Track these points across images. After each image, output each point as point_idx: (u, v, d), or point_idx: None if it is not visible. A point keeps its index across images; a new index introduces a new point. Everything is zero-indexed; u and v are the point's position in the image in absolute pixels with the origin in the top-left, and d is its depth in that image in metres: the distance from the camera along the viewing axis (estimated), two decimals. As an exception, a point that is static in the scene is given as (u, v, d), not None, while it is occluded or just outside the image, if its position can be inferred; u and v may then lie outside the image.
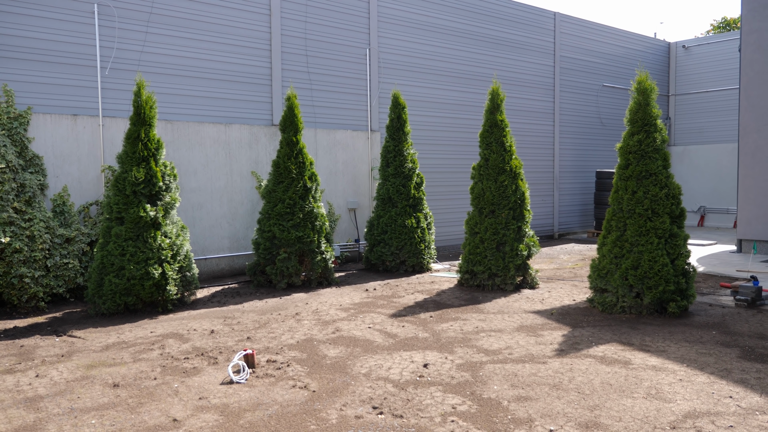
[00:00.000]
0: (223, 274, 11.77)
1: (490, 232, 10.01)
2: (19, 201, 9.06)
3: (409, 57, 14.52)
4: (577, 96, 18.66)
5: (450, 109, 15.41)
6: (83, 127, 10.09)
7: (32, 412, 5.14)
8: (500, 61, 16.43)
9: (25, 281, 8.87)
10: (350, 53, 13.46)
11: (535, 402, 5.22)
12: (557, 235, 18.39)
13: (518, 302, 9.23)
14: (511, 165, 10.14)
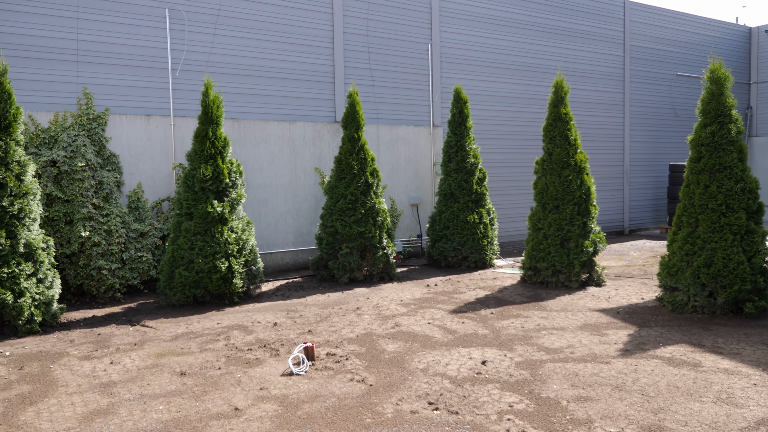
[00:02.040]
0: (288, 268, 12.04)
1: (553, 228, 9.81)
2: (98, 197, 9.55)
3: (470, 51, 14.38)
4: (649, 86, 17.98)
5: (513, 103, 15.16)
6: (156, 126, 10.53)
7: (106, 396, 5.43)
8: (565, 52, 16.03)
9: (102, 273, 9.35)
10: (412, 49, 13.46)
11: (596, 403, 5.10)
12: (627, 230, 17.81)
13: (583, 300, 9.01)
14: (575, 159, 9.90)
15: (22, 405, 5.27)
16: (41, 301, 7.72)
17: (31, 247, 7.75)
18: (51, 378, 5.95)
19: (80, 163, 9.33)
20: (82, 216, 9.30)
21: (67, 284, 9.40)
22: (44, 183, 9.12)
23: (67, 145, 9.42)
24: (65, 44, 9.72)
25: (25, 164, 7.86)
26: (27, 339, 7.38)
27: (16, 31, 9.34)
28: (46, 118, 9.53)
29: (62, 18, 9.68)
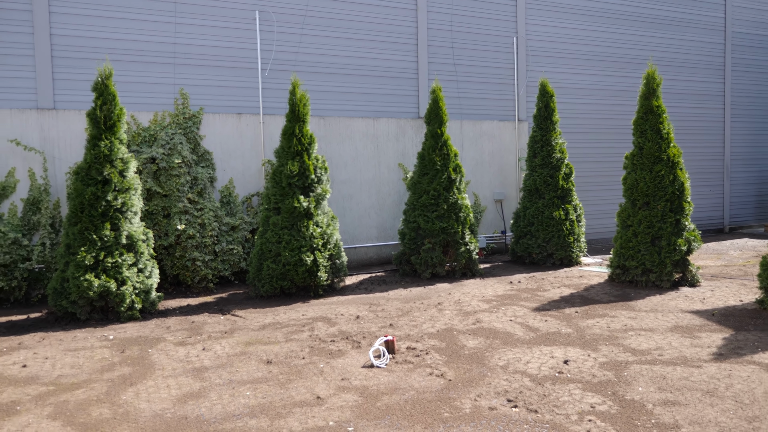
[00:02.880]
0: (371, 262, 12.22)
1: (644, 225, 9.44)
2: (193, 192, 10.08)
3: (557, 43, 14.03)
4: (755, 76, 16.88)
5: (601, 96, 14.67)
6: (246, 124, 10.97)
7: (198, 381, 5.76)
8: (657, 41, 15.32)
9: (197, 264, 9.87)
10: (497, 43, 13.29)
11: (684, 408, 4.91)
12: (728, 228, 16.84)
13: (674, 300, 8.64)
14: (668, 153, 9.48)
15: (124, 385, 5.67)
16: (141, 290, 8.25)
17: (132, 238, 8.30)
18: (149, 361, 6.37)
19: (177, 160, 9.87)
20: (179, 210, 9.83)
21: (165, 274, 9.98)
22: (144, 179, 9.72)
23: (165, 143, 9.99)
24: (164, 48, 10.29)
25: (128, 161, 8.41)
26: (128, 324, 7.92)
27: (120, 37, 9.98)
28: (146, 117, 10.14)
29: (161, 23, 10.26)
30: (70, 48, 9.65)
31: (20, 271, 9.02)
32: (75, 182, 8.19)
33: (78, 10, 9.69)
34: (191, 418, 4.89)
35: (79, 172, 8.20)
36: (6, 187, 9.24)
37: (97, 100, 8.23)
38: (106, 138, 8.24)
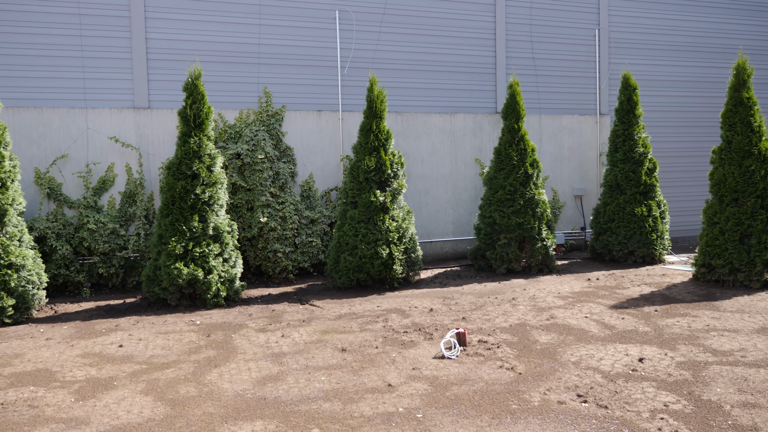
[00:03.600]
0: (447, 257, 12.30)
1: (731, 223, 9.05)
2: (275, 186, 10.50)
3: (640, 33, 13.57)
4: None
5: (686, 88, 14.07)
6: (326, 121, 11.30)
7: (276, 365, 6.06)
8: (748, 29, 14.51)
9: (278, 255, 10.28)
10: (578, 35, 13.02)
11: (766, 411, 4.74)
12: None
13: (764, 302, 8.24)
14: (759, 147, 9.03)
15: (209, 367, 6.06)
16: (226, 278, 8.71)
17: (218, 230, 8.77)
18: (232, 346, 6.75)
19: (260, 156, 10.31)
20: (261, 203, 10.28)
21: (248, 264, 10.47)
22: (230, 173, 10.22)
23: (250, 139, 10.45)
24: (249, 48, 10.77)
25: (215, 157, 8.89)
26: (214, 311, 8.39)
27: (209, 39, 10.52)
28: (232, 115, 10.65)
29: (247, 25, 10.73)
30: (163, 51, 10.27)
31: (117, 259, 9.72)
32: (167, 176, 8.74)
33: (171, 15, 10.29)
34: (269, 399, 5.18)
35: (171, 167, 8.74)
36: (106, 181, 9.97)
37: (188, 100, 8.74)
38: (195, 135, 8.74)
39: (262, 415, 4.87)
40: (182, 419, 4.81)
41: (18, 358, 6.41)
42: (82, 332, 7.41)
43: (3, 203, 7.86)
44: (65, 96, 9.78)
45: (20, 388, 5.53)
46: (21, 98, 9.53)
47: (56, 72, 9.74)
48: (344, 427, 4.61)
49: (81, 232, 9.51)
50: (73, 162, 9.84)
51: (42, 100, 9.67)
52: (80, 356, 6.46)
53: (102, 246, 9.55)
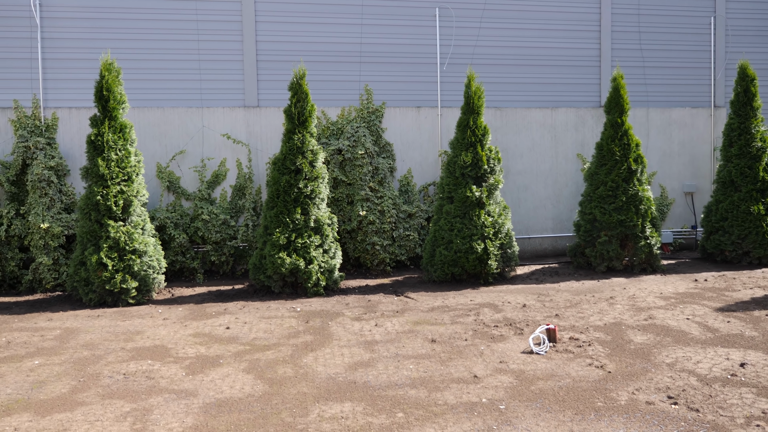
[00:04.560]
0: (546, 253, 12.14)
1: None
2: (374, 181, 10.83)
3: (760, 20, 12.66)
4: None
5: (824, 77, 12.96)
6: (425, 117, 11.48)
7: (368, 352, 6.34)
8: None
9: (376, 248, 10.61)
10: (691, 24, 12.37)
11: None
12: None
13: None
14: None
15: (305, 351, 6.44)
16: (325, 269, 9.13)
17: (319, 222, 9.20)
18: (328, 332, 7.11)
19: (360, 152, 10.67)
20: (361, 197, 10.64)
21: (347, 256, 10.87)
22: (332, 168, 10.65)
23: (350, 135, 10.84)
24: (350, 48, 11.15)
25: (317, 152, 9.33)
26: (313, 299, 8.83)
27: (313, 40, 11.00)
28: (334, 112, 11.08)
29: (349, 26, 11.11)
30: (271, 52, 10.86)
31: (228, 248, 10.43)
32: (272, 171, 9.28)
33: (278, 18, 10.86)
34: (359, 383, 5.46)
35: (276, 162, 9.27)
36: (219, 176, 10.71)
37: (292, 98, 9.23)
38: (299, 132, 9.21)
39: (351, 397, 5.15)
40: (278, 397, 5.19)
41: (139, 335, 7.11)
42: (194, 314, 8.07)
43: (128, 195, 8.69)
44: (184, 96, 10.61)
45: (140, 361, 6.16)
46: (146, 99, 10.43)
47: (176, 74, 10.57)
48: (427, 413, 4.79)
49: (196, 223, 10.29)
50: (189, 157, 10.65)
51: (163, 100, 10.54)
52: (192, 336, 7.06)
53: (214, 235, 10.29)
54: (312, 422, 4.67)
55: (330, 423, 4.65)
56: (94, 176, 8.64)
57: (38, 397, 5.27)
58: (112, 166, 8.62)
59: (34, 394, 5.34)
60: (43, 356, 6.37)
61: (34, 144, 9.74)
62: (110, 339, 6.96)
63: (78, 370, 5.91)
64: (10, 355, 6.46)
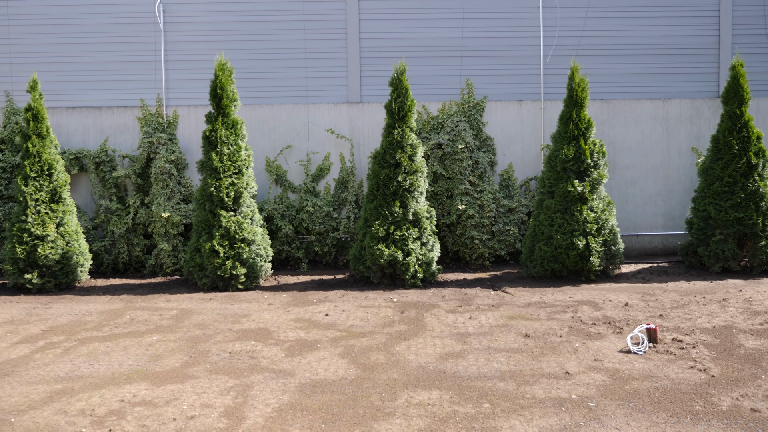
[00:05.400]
0: (655, 252, 11.59)
1: None
2: (474, 175, 10.82)
3: None
4: None
5: None
6: (527, 110, 11.31)
7: (460, 344, 6.41)
8: None
9: (474, 242, 10.61)
10: (828, 5, 11.32)
11: None
12: None
13: None
14: None
15: (398, 340, 6.61)
16: (423, 261, 9.26)
17: (417, 215, 9.35)
18: (422, 323, 7.24)
19: (460, 146, 10.70)
20: (460, 192, 10.67)
21: (446, 250, 10.95)
22: (431, 162, 10.75)
23: (451, 129, 10.89)
24: (451, 42, 11.18)
25: (416, 147, 9.47)
26: (410, 291, 8.99)
27: (414, 35, 11.13)
28: (435, 107, 11.17)
29: (450, 20, 11.15)
30: (373, 49, 11.12)
31: (330, 239, 10.82)
32: (373, 165, 9.53)
33: (381, 16, 11.09)
34: (448, 373, 5.55)
35: (377, 156, 9.51)
36: (323, 169, 11.12)
37: (393, 94, 9.42)
38: (399, 127, 9.40)
39: (439, 386, 5.25)
40: (369, 381, 5.38)
41: (245, 318, 7.59)
42: (297, 301, 8.48)
43: (239, 187, 9.24)
44: (291, 93, 11.11)
45: (244, 342, 6.59)
46: (256, 96, 11.03)
47: (284, 72, 11.08)
48: (514, 405, 4.80)
49: (301, 214, 10.76)
50: (295, 152, 11.14)
51: (272, 97, 11.09)
52: (293, 320, 7.44)
53: (318, 227, 10.71)
54: (399, 407, 4.82)
55: (417, 408, 4.78)
56: (208, 169, 9.27)
57: (154, 369, 5.79)
58: (224, 160, 9.20)
59: (151, 366, 5.88)
60: (161, 333, 6.97)
61: (157, 139, 10.59)
62: (219, 320, 7.48)
63: (190, 347, 6.42)
64: (132, 330, 7.11)
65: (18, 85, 10.96)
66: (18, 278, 9.17)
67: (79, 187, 11.02)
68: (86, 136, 11.07)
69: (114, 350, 6.38)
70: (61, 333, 7.05)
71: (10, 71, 10.99)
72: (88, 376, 5.61)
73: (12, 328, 7.28)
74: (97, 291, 9.34)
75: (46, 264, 9.14)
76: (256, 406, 4.88)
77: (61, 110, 11.02)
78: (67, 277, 9.39)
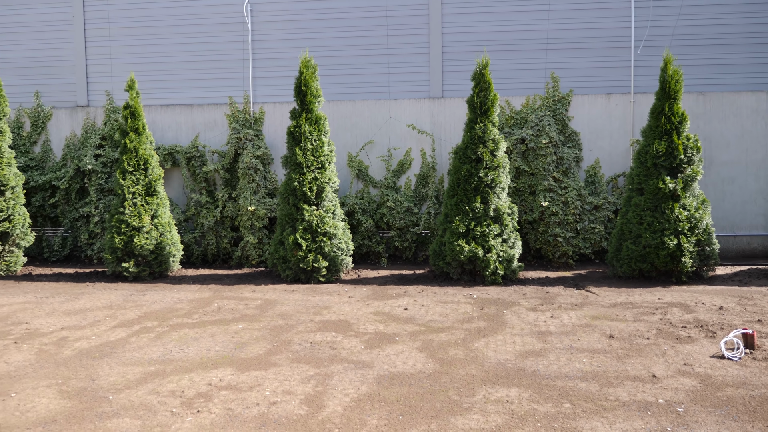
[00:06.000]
0: (755, 254, 10.90)
1: None
2: (558, 171, 10.55)
3: None
4: None
5: None
6: (615, 104, 10.90)
7: (540, 342, 6.28)
8: None
9: (558, 240, 10.35)
10: None
11: None
12: None
13: None
14: None
15: (477, 336, 6.55)
16: (504, 258, 9.12)
17: (498, 211, 9.22)
18: (502, 320, 7.14)
19: (544, 141, 10.45)
20: (543, 188, 10.43)
21: (528, 247, 10.74)
22: (514, 158, 10.57)
23: (534, 124, 10.66)
24: (536, 35, 10.93)
25: (498, 142, 9.33)
26: (490, 288, 8.88)
27: (496, 29, 10.97)
28: (518, 101, 10.96)
29: (534, 12, 10.90)
30: (455, 43, 11.04)
31: (411, 234, 10.85)
32: (454, 160, 9.47)
33: (464, 9, 11.00)
34: (528, 371, 5.44)
35: (458, 151, 9.44)
36: (404, 165, 11.16)
37: (475, 88, 9.32)
38: (481, 121, 9.29)
39: (518, 383, 5.16)
40: (447, 376, 5.37)
41: (326, 310, 7.74)
42: (376, 294, 8.56)
43: (321, 181, 9.43)
44: (373, 89, 11.21)
45: (325, 333, 6.72)
46: (339, 93, 11.21)
47: (366, 68, 11.21)
48: (596, 407, 4.65)
49: (381, 209, 10.85)
50: (377, 147, 11.24)
51: (354, 93, 11.24)
52: (372, 313, 7.51)
53: (398, 222, 10.77)
54: (477, 402, 4.78)
55: (495, 405, 4.72)
56: (292, 164, 9.51)
57: (239, 355, 6.01)
58: (307, 155, 9.41)
59: (236, 352, 6.10)
60: (246, 322, 7.22)
61: (244, 135, 10.97)
62: (301, 311, 7.66)
63: (273, 336, 6.62)
64: (220, 318, 7.41)
65: (117, 84, 11.65)
66: (116, 266, 9.75)
67: (172, 181, 11.58)
68: (179, 132, 11.61)
69: (202, 336, 6.67)
70: (154, 319, 7.44)
71: (110, 71, 11.69)
72: (179, 360, 5.90)
73: (111, 313, 7.75)
74: (187, 280, 9.79)
75: (141, 254, 9.66)
76: (335, 395, 4.97)
77: (156, 108, 11.62)
78: (160, 267, 9.90)
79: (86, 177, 11.40)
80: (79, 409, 4.80)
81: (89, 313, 7.73)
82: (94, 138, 11.50)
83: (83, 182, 11.53)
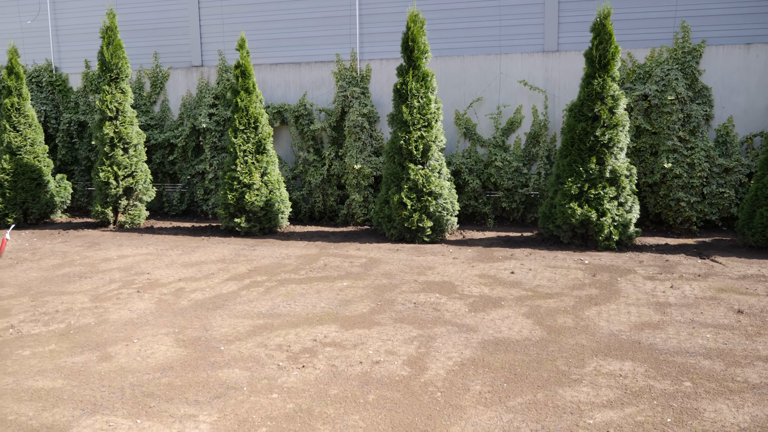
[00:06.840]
0: None
1: None
2: (684, 130, 9.72)
3: None
4: None
5: None
6: (755, 56, 9.82)
7: (658, 314, 5.85)
8: None
9: (680, 204, 9.60)
10: None
11: None
12: None
13: None
14: None
15: (588, 304, 6.21)
16: (619, 223, 8.59)
17: (615, 173, 8.64)
18: (615, 288, 6.73)
19: (670, 97, 9.64)
20: (667, 148, 9.67)
21: (646, 211, 10.05)
22: (634, 116, 9.84)
23: (660, 79, 9.83)
24: (666, -20, 9.99)
25: (618, 98, 8.69)
26: (603, 253, 8.41)
27: (623, -26, 10.13)
28: (642, 54, 10.13)
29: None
30: (574, -8, 10.34)
31: (519, 195, 10.47)
32: (568, 118, 8.95)
33: (585, -46, 10.23)
34: (644, 344, 5.09)
35: (573, 109, 8.90)
36: (513, 123, 10.71)
37: (594, 40, 8.67)
38: (599, 76, 8.67)
39: (633, 357, 4.84)
40: (555, 344, 5.12)
41: (430, 270, 7.64)
42: (482, 256, 8.35)
43: (428, 140, 9.23)
44: (482, 44, 10.76)
45: (428, 294, 6.63)
46: (446, 48, 10.86)
47: (476, 22, 10.74)
48: (720, 387, 4.26)
49: (489, 169, 10.52)
50: (485, 104, 10.84)
51: (463, 48, 10.84)
52: (477, 276, 7.33)
53: (506, 182, 10.41)
54: (587, 374, 4.53)
55: (606, 378, 4.45)
56: (398, 122, 9.37)
57: (344, 313, 6.06)
58: (414, 113, 9.22)
59: (341, 310, 6.15)
60: (350, 279, 7.27)
61: (350, 93, 10.93)
62: (405, 271, 7.61)
63: (377, 295, 6.62)
64: (325, 275, 7.51)
65: (229, 44, 11.93)
66: (229, 222, 10.14)
67: (281, 139, 11.82)
68: (287, 90, 11.77)
69: (308, 292, 6.79)
70: (263, 273, 7.67)
71: (222, 32, 11.98)
72: (286, 315, 6.03)
73: (223, 266, 8.07)
74: (295, 237, 10.02)
75: (252, 210, 9.97)
76: (438, 358, 4.88)
77: (266, 66, 11.81)
78: (269, 223, 10.19)
79: (201, 135, 11.88)
80: (193, 357, 5.02)
81: (204, 266, 8.10)
82: (208, 97, 11.91)
83: (198, 140, 12.03)
